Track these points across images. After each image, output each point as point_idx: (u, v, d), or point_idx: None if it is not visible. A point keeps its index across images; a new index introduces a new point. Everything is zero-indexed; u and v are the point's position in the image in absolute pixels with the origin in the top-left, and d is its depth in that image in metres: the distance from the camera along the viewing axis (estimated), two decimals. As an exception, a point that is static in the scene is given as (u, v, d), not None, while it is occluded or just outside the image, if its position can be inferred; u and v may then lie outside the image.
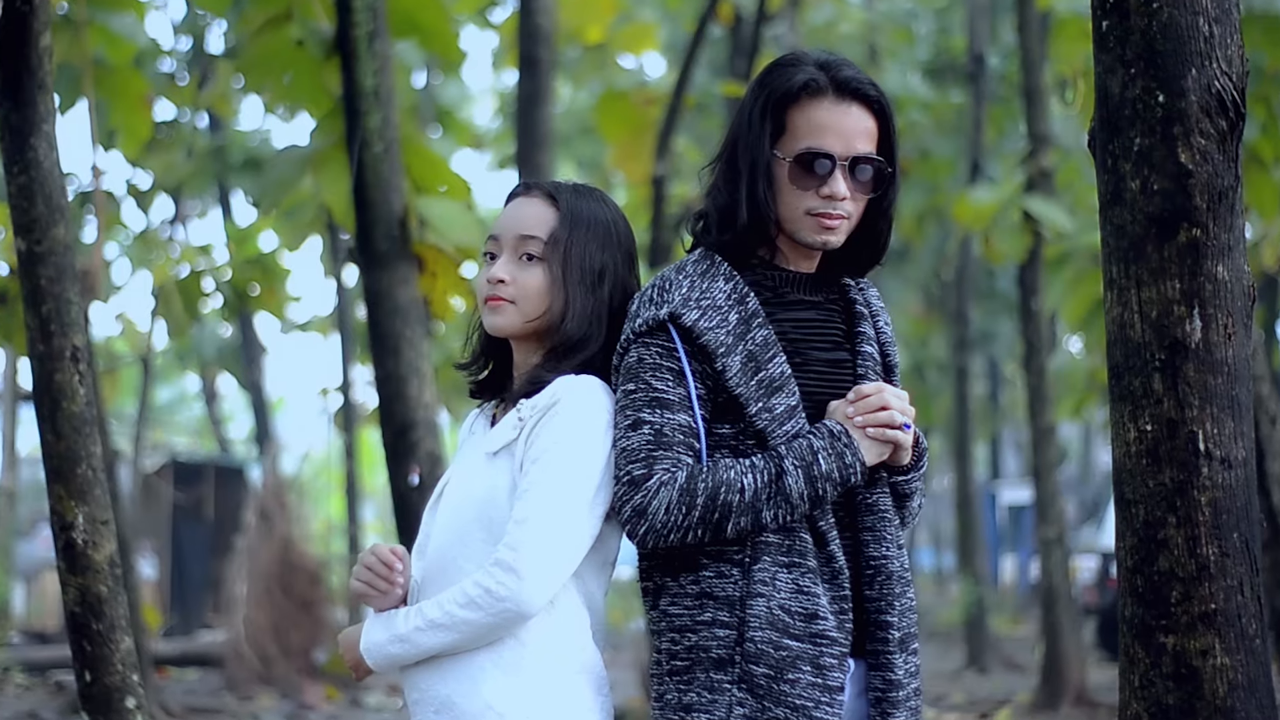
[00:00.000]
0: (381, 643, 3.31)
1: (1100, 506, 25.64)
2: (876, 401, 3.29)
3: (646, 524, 3.23)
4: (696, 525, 3.23)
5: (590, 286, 3.40)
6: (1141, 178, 3.39)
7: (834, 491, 3.26)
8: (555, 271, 3.40)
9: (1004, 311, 26.32)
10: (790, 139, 3.33)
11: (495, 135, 22.91)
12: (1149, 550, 3.39)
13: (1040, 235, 13.01)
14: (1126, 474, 3.43)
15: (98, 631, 4.85)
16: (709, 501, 3.22)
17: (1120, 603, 3.47)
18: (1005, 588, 33.50)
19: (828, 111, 3.33)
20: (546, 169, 10.10)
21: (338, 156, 6.89)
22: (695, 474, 3.23)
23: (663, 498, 3.22)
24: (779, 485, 3.23)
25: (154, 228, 18.96)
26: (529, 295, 3.41)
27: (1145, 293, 3.39)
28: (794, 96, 3.33)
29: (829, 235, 3.35)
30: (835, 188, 3.32)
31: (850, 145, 3.33)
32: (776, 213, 3.34)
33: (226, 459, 25.33)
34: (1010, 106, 19.57)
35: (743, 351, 3.28)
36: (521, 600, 3.21)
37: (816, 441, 3.25)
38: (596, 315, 3.39)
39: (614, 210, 3.49)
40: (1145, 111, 3.39)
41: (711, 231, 3.38)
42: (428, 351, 6.64)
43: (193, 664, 16.90)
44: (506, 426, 3.34)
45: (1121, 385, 3.43)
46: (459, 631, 3.24)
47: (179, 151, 16.37)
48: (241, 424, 38.33)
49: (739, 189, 3.34)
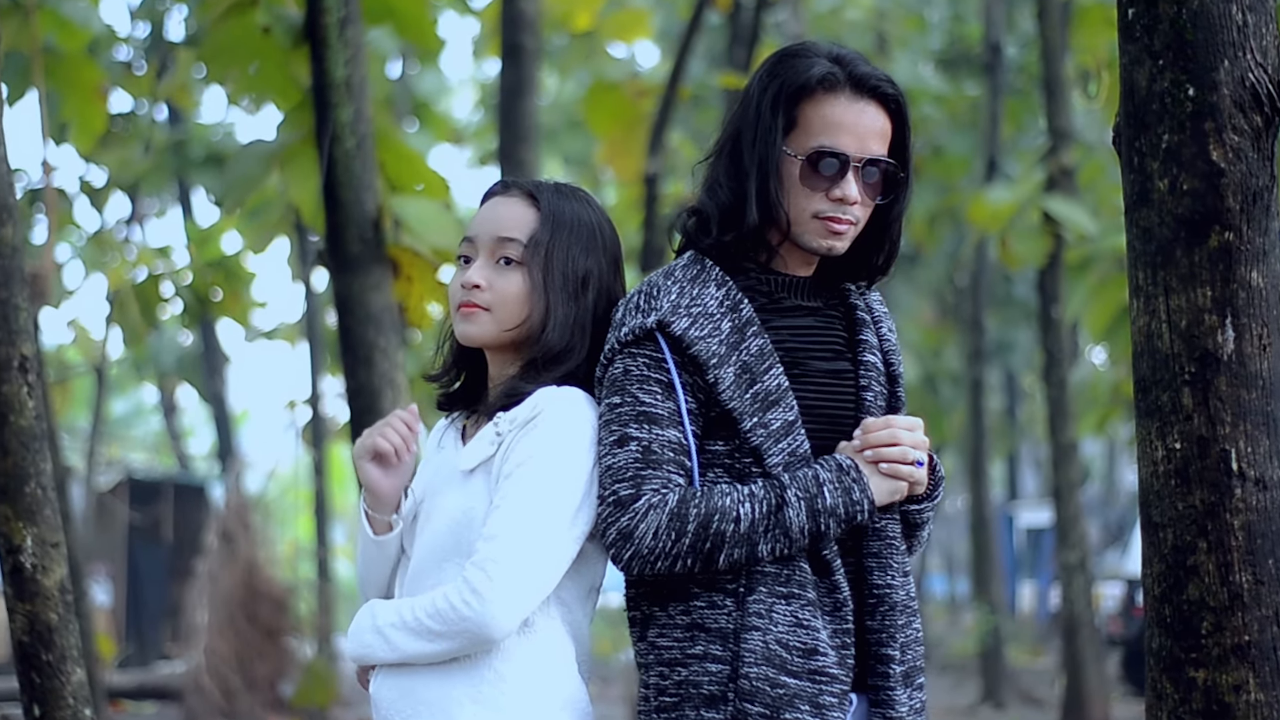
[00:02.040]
0: (364, 628, 3.32)
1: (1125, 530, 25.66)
2: (886, 436, 3.28)
3: (632, 549, 3.22)
4: (686, 554, 3.21)
5: (573, 294, 3.38)
6: (1170, 177, 3.39)
7: (838, 529, 3.25)
8: (535, 277, 3.37)
9: (1022, 320, 26.34)
10: (802, 135, 3.32)
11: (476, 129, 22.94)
12: (1178, 577, 3.38)
13: (1061, 238, 13.02)
14: (1154, 495, 3.42)
15: (47, 662, 4.83)
16: (701, 529, 3.20)
17: (1147, 633, 3.47)
18: (1023, 616, 33.51)
19: (844, 109, 3.32)
20: (531, 165, 10.09)
21: (306, 152, 6.88)
22: (687, 498, 3.22)
23: (651, 521, 3.20)
24: (779, 517, 3.21)
25: (109, 228, 18.93)
26: (506, 302, 3.39)
27: (1174, 300, 3.39)
28: (809, 90, 3.32)
29: (835, 241, 3.35)
30: (847, 191, 3.32)
31: (864, 146, 3.32)
32: (786, 213, 3.34)
33: (186, 476, 25.31)
34: (1029, 100, 19.59)
35: (736, 362, 3.27)
36: (485, 623, 3.19)
37: (823, 474, 3.24)
38: (579, 325, 3.38)
39: (599, 212, 3.47)
40: (1174, 106, 3.39)
41: (711, 231, 3.36)
42: (402, 362, 6.64)
43: (150, 697, 16.87)
44: (483, 442, 3.32)
45: (1148, 400, 3.43)
46: (426, 641, 3.24)
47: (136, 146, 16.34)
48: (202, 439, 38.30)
49: (747, 185, 3.33)
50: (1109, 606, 21.12)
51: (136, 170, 16.46)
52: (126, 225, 20.54)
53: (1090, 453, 35.44)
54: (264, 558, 15.38)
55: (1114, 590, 21.54)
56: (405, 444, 3.44)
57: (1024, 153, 19.38)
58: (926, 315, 26.63)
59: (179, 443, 27.90)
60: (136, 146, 16.16)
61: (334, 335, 12.18)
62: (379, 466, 3.46)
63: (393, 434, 3.44)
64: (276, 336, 20.61)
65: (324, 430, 18.67)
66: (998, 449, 29.77)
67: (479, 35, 20.30)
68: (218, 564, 15.16)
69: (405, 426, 3.45)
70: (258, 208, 10.71)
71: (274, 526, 17.09)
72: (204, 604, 15.14)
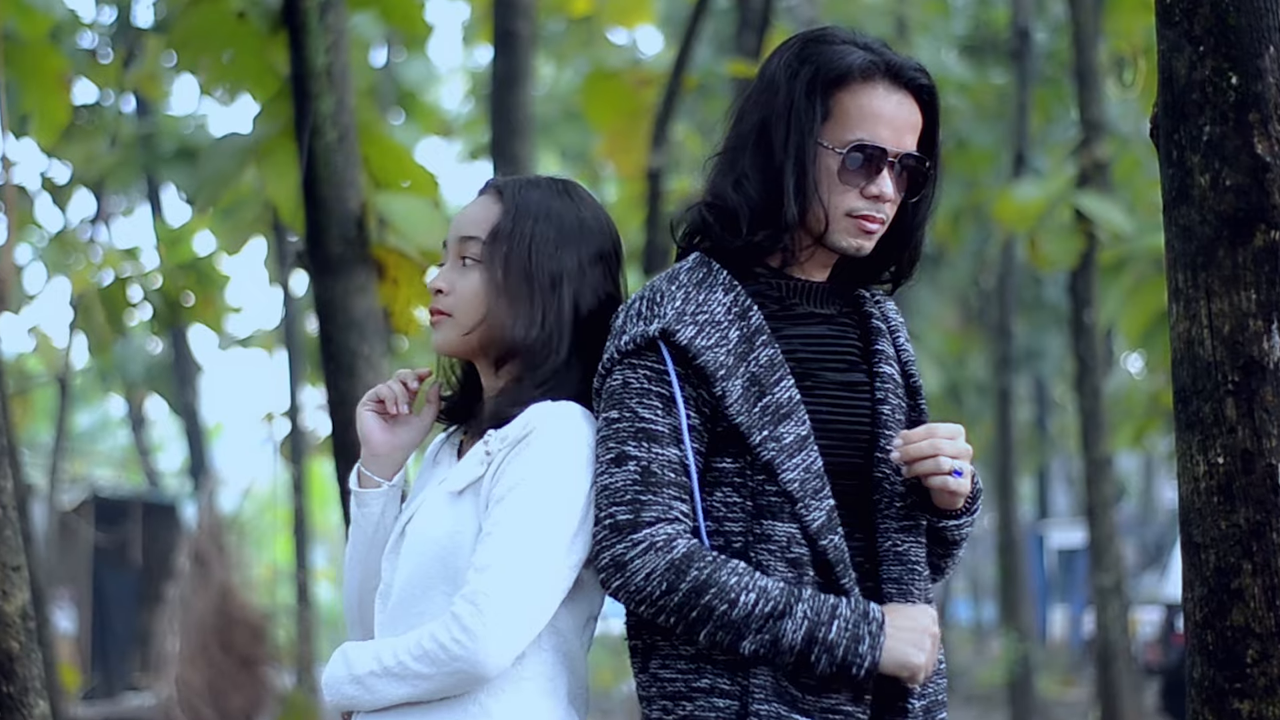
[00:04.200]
0: (340, 679, 3.29)
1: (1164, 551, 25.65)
2: (927, 447, 3.25)
3: (622, 580, 3.21)
4: (672, 611, 3.19)
5: (542, 288, 3.36)
6: (1212, 172, 3.39)
7: (829, 668, 3.20)
8: (494, 273, 3.37)
9: (1053, 325, 26.36)
10: (836, 127, 3.32)
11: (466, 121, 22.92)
12: (1221, 602, 3.38)
13: (1094, 237, 13.00)
14: (1195, 514, 3.42)
15: (8, 694, 4.83)
16: (693, 594, 3.18)
17: (1188, 662, 3.47)
18: (1054, 644, 33.51)
19: (882, 99, 3.33)
20: (525, 160, 10.09)
21: (284, 146, 6.88)
22: (694, 556, 3.19)
23: (648, 562, 3.19)
24: (776, 624, 3.18)
25: (73, 228, 18.94)
26: (464, 303, 3.39)
27: (1216, 304, 3.39)
28: (847, 79, 3.32)
29: (865, 240, 3.35)
30: (884, 187, 3.33)
31: (900, 140, 3.34)
32: (826, 210, 3.32)
33: (156, 495, 25.30)
34: (1059, 89, 19.59)
35: (745, 374, 3.26)
36: (478, 661, 3.18)
37: (844, 609, 3.20)
38: (554, 323, 3.35)
39: (586, 205, 3.45)
40: (1216, 95, 3.39)
41: (741, 230, 3.33)
42: (388, 371, 6.64)
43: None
44: (473, 461, 3.31)
45: (1189, 411, 3.43)
46: (411, 685, 3.22)
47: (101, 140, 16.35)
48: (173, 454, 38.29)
49: (784, 179, 3.31)
50: (1146, 633, 21.12)
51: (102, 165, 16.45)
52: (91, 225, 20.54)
53: (1126, 468, 35.46)
54: (239, 582, 15.38)
55: (1152, 616, 21.53)
56: (403, 398, 3.47)
57: (1054, 146, 19.36)
58: (950, 320, 26.63)
59: (148, 458, 27.89)
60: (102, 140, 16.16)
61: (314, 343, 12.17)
62: (379, 417, 3.48)
63: (397, 384, 3.48)
64: (252, 344, 20.60)
65: (303, 445, 18.64)
66: (1026, 464, 29.76)
67: (469, 20, 20.33)
68: (190, 588, 15.16)
69: (414, 380, 3.49)
70: (232, 206, 10.72)
71: (250, 548, 17.12)
72: (175, 631, 15.14)
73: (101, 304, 13.31)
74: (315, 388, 18.98)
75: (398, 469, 3.50)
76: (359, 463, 3.50)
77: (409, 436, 3.50)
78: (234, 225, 11.84)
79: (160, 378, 22.41)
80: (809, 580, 3.23)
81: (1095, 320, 13.36)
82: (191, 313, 14.44)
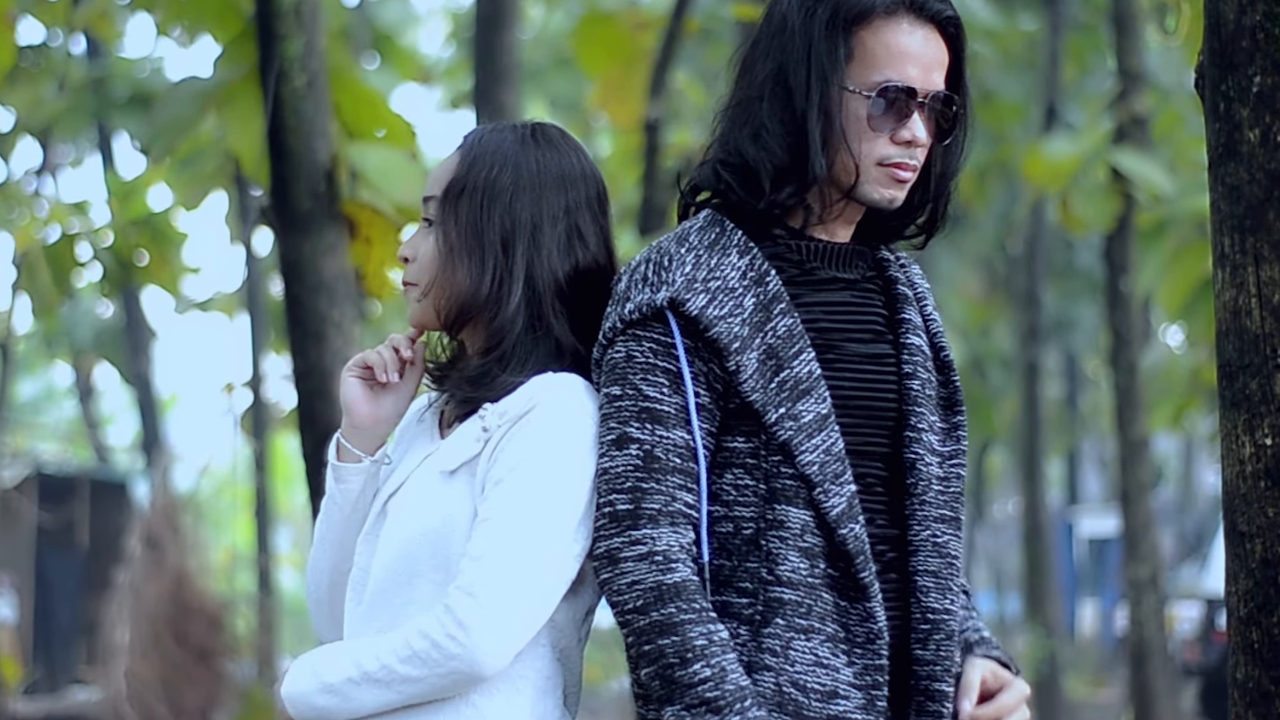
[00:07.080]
0: (307, 692, 3.23)
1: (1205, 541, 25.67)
2: None
3: (609, 575, 3.19)
4: (632, 630, 3.17)
5: (490, 243, 3.31)
6: (1262, 126, 3.39)
7: None
8: (448, 230, 3.34)
9: (1085, 294, 26.35)
10: (861, 68, 3.30)
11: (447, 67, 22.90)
12: (1267, 596, 3.39)
13: (1131, 198, 13.02)
14: (1240, 499, 3.42)
15: (-59, 688, 4.85)
16: (655, 630, 3.15)
17: (1230, 661, 3.47)
18: (1084, 641, 33.59)
19: (908, 35, 3.30)
20: (511, 109, 10.08)
21: (248, 91, 6.87)
22: (682, 592, 3.15)
23: (638, 571, 3.16)
24: (703, 714, 3.12)
25: (16, 179, 18.93)
26: (423, 269, 3.37)
27: (1265, 271, 3.39)
28: (868, 15, 3.29)
29: (898, 191, 3.33)
30: (916, 132, 3.31)
31: (929, 79, 3.32)
32: (857, 160, 3.30)
33: (105, 471, 25.31)
34: (1095, 36, 19.58)
35: (761, 346, 3.23)
36: (475, 659, 3.14)
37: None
38: (504, 278, 3.29)
39: (556, 149, 3.38)
40: (1267, 43, 3.39)
41: (764, 188, 3.29)
42: (359, 338, 6.63)
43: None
44: (468, 438, 3.27)
45: (1234, 388, 3.43)
46: (397, 691, 3.18)
47: (48, 83, 16.34)
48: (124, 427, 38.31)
49: (807, 130, 3.28)
50: (1184, 630, 21.14)
51: (49, 112, 16.43)
52: (37, 176, 20.53)
53: (1164, 450, 35.48)
54: (195, 567, 15.38)
55: (1190, 611, 21.55)
56: (393, 366, 3.42)
57: (1089, 98, 19.34)
58: (973, 287, 26.61)
59: (96, 432, 27.89)
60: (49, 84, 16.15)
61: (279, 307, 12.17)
62: (364, 385, 3.44)
63: (388, 349, 3.43)
64: (212, 308, 20.58)
65: (266, 418, 18.66)
66: (1055, 445, 29.80)
67: (451, -44, 20.28)
68: (141, 574, 15.16)
69: (407, 346, 3.44)
70: (190, 157, 10.69)
71: (207, 530, 17.11)
72: (124, 620, 15.14)
73: (47, 263, 13.31)
74: (280, 356, 18.99)
75: (380, 443, 3.46)
76: (338, 433, 3.45)
77: (395, 408, 3.45)
78: (192, 178, 11.81)
79: (110, 344, 22.39)
80: (822, 574, 3.22)
81: (1132, 289, 13.37)
82: (145, 273, 14.43)
